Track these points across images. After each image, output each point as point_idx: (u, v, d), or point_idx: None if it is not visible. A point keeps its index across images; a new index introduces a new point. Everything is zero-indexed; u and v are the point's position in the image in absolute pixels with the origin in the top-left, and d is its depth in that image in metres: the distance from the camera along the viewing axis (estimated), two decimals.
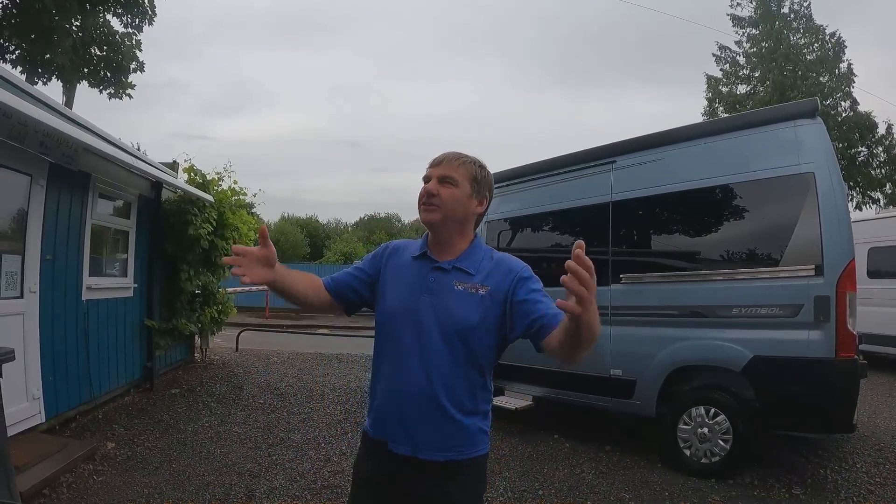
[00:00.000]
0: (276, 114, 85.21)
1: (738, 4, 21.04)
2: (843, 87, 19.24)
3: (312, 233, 37.90)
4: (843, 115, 19.27)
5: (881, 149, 19.58)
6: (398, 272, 1.58)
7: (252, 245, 1.54)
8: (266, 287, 1.58)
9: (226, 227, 7.19)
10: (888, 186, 19.69)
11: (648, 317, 4.41)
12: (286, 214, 41.19)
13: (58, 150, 4.29)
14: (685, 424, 4.10)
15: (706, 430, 3.99)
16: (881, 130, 19.31)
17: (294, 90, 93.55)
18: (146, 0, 11.78)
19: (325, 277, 1.66)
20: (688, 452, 4.07)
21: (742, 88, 21.30)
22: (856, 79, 19.21)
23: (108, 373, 5.38)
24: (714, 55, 21.63)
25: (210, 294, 7.36)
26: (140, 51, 12.32)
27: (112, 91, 12.33)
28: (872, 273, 8.07)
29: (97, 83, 12.12)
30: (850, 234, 3.64)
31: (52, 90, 21.93)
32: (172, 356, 7.01)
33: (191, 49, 75.46)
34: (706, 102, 21.74)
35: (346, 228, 42.74)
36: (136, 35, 12.22)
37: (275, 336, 11.86)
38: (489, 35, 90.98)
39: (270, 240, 1.45)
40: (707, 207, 4.33)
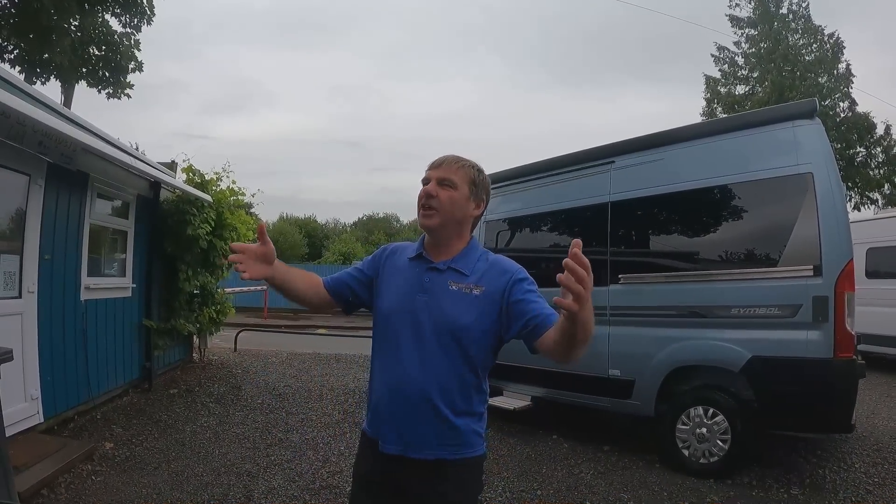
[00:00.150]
0: (276, 113, 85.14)
1: (737, 5, 21.09)
2: (842, 88, 19.26)
3: (311, 233, 37.86)
4: (842, 116, 19.29)
5: (879, 149, 19.60)
6: (395, 273, 1.60)
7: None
8: (265, 284, 1.61)
9: (224, 227, 7.19)
10: (886, 187, 19.71)
11: (647, 317, 4.41)
12: (285, 214, 41.18)
13: (56, 150, 4.28)
14: (684, 424, 4.10)
15: (705, 431, 3.99)
16: (879, 131, 19.35)
17: (294, 90, 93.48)
18: (145, 0, 11.78)
19: (325, 277, 1.69)
20: (686, 452, 4.07)
21: (741, 89, 21.31)
22: (854, 79, 19.25)
23: (107, 373, 5.37)
24: (713, 56, 21.67)
25: (208, 294, 7.35)
26: (139, 51, 12.36)
27: (111, 91, 12.35)
28: (871, 273, 8.08)
29: (96, 83, 12.13)
30: (849, 235, 3.65)
31: (51, 90, 21.88)
32: (171, 356, 7.00)
33: (190, 49, 75.33)
34: (704, 103, 21.78)
35: (345, 228, 42.70)
36: (135, 35, 12.26)
37: (273, 336, 11.86)
38: (489, 35, 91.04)
39: (269, 238, 1.50)
40: (706, 208, 4.34)
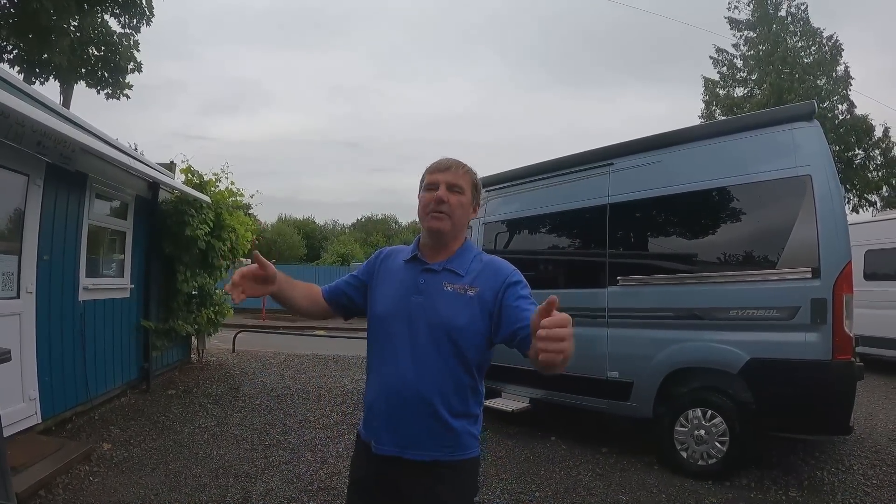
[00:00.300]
0: (275, 114, 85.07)
1: (736, 7, 21.15)
2: (841, 90, 19.31)
3: (309, 234, 37.77)
4: (840, 118, 19.33)
5: (878, 151, 19.65)
6: (389, 276, 1.61)
7: (249, 247, 1.57)
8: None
9: (223, 228, 7.19)
10: (885, 189, 19.75)
11: (645, 319, 4.41)
12: (283, 215, 41.07)
13: (55, 150, 4.28)
14: (682, 426, 4.10)
15: (703, 432, 3.99)
16: (878, 133, 19.40)
17: (293, 90, 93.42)
18: (144, 0, 11.78)
19: (324, 287, 1.73)
20: (685, 454, 4.07)
21: (739, 91, 21.35)
22: (853, 82, 19.31)
23: (105, 374, 5.36)
24: (711, 58, 21.72)
25: (207, 295, 7.34)
26: (138, 51, 12.35)
27: (109, 91, 12.34)
28: (869, 275, 8.09)
29: (95, 83, 12.12)
30: (847, 237, 3.65)
31: (50, 90, 21.85)
32: (169, 357, 6.99)
33: (189, 50, 75.33)
34: (703, 105, 21.81)
35: (344, 230, 42.65)
36: (134, 35, 12.24)
37: (271, 337, 11.85)
38: (489, 35, 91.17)
39: (266, 261, 1.51)
40: (704, 210, 4.34)
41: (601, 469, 4.20)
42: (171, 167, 7.35)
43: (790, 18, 20.25)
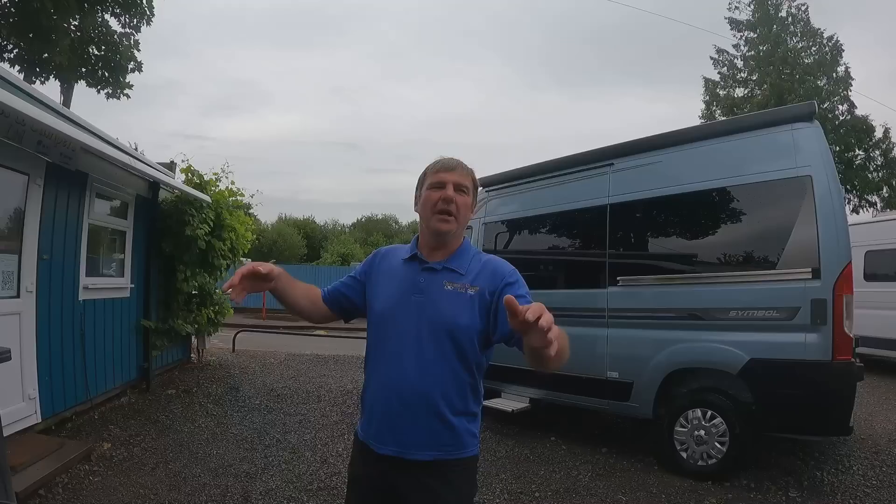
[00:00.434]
0: (276, 114, 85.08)
1: (736, 8, 21.14)
2: (841, 91, 19.30)
3: (309, 234, 37.80)
4: (841, 119, 19.33)
5: (878, 152, 19.63)
6: (388, 275, 1.61)
7: (250, 246, 1.57)
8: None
9: (223, 228, 7.19)
10: (885, 190, 19.73)
11: (645, 319, 4.41)
12: (283, 215, 41.14)
13: (55, 150, 4.27)
14: (682, 427, 4.10)
15: (703, 433, 3.99)
16: (878, 134, 19.39)
17: (293, 90, 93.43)
18: (144, 0, 11.77)
19: (323, 289, 1.72)
20: (684, 455, 4.07)
21: (740, 92, 21.34)
22: (853, 82, 19.30)
23: (105, 373, 5.36)
24: (712, 58, 21.70)
25: (207, 295, 7.34)
26: (138, 51, 12.34)
27: (110, 91, 12.32)
28: (869, 276, 8.09)
29: (95, 83, 12.11)
30: (847, 238, 3.65)
31: (50, 89, 21.88)
32: (169, 357, 6.99)
33: (190, 49, 75.37)
34: (703, 105, 21.81)
35: (344, 230, 42.68)
36: (135, 35, 12.23)
37: (271, 337, 11.84)
38: (489, 36, 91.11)
39: (265, 268, 1.52)
40: (704, 210, 4.35)
41: (601, 469, 4.20)
42: (172, 167, 7.35)
43: (790, 19, 20.24)
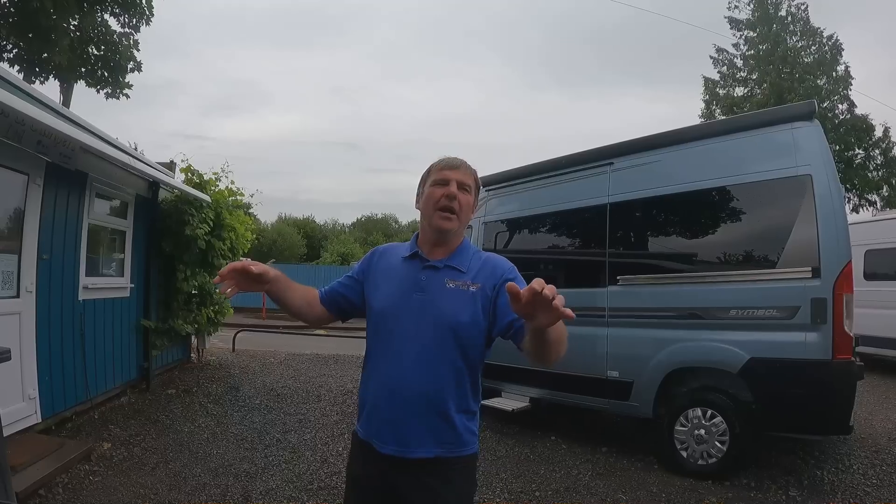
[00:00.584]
0: (276, 114, 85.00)
1: (736, 7, 21.13)
2: (841, 90, 19.31)
3: (309, 233, 37.80)
4: (841, 118, 19.34)
5: (878, 151, 19.65)
6: (388, 273, 1.60)
7: (250, 245, 1.57)
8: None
9: (223, 228, 7.18)
10: (885, 189, 19.75)
11: (645, 318, 4.41)
12: (283, 215, 41.12)
13: (55, 150, 4.27)
14: (682, 426, 4.10)
15: (703, 432, 3.99)
16: (878, 133, 19.41)
17: (293, 90, 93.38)
18: (143, 0, 11.76)
19: (321, 289, 1.71)
20: (684, 454, 4.08)
21: (739, 91, 21.34)
22: (853, 81, 19.31)
23: (105, 373, 5.36)
24: (711, 57, 21.70)
25: (207, 294, 7.33)
26: (138, 51, 12.33)
27: (109, 91, 12.31)
28: (869, 275, 8.09)
29: (94, 83, 12.10)
30: (847, 237, 3.65)
31: (50, 89, 21.84)
32: (169, 356, 6.99)
33: (190, 49, 75.26)
34: (703, 105, 21.81)
35: (343, 229, 42.67)
36: (134, 35, 12.22)
37: (271, 337, 11.84)
38: (489, 36, 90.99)
39: (258, 268, 1.50)
40: (704, 209, 4.34)
41: (601, 468, 4.20)
42: (171, 166, 7.35)
43: (790, 18, 20.25)
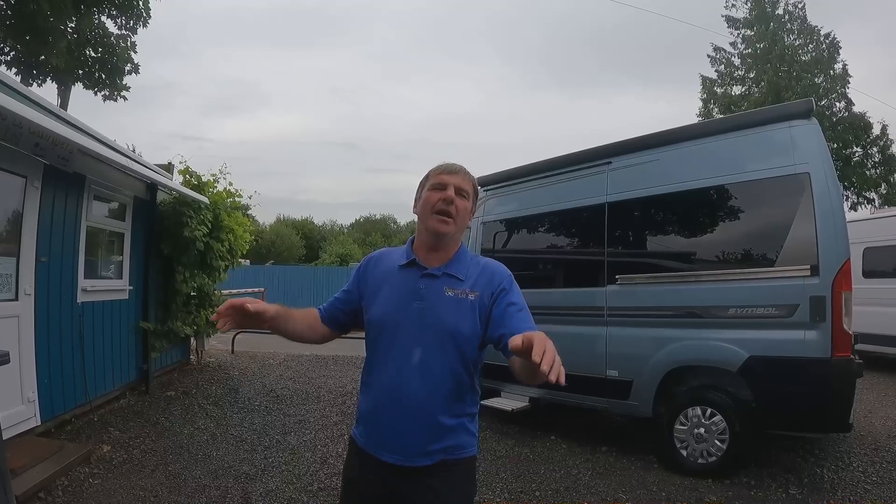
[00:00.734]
0: (274, 115, 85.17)
1: (733, 6, 21.17)
2: (838, 88, 19.35)
3: (308, 234, 37.82)
4: (838, 116, 19.39)
5: (876, 149, 19.70)
6: (385, 281, 1.59)
7: (248, 247, 1.56)
8: (261, 290, 1.60)
9: (221, 229, 7.18)
10: (883, 186, 19.80)
11: (644, 317, 4.41)
12: (282, 216, 41.17)
13: (53, 152, 4.26)
14: (682, 425, 4.10)
15: (703, 431, 4.00)
16: (876, 131, 19.45)
17: (292, 91, 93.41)
18: (140, 2, 11.75)
19: (320, 307, 1.70)
20: (684, 453, 4.08)
21: (737, 89, 21.38)
22: (851, 79, 19.34)
23: (104, 375, 5.35)
24: (709, 56, 21.74)
25: (205, 296, 7.33)
26: (135, 52, 12.32)
27: (107, 93, 12.30)
28: (868, 273, 8.10)
29: (92, 85, 12.09)
30: (846, 234, 3.65)
31: (47, 92, 21.81)
32: (168, 358, 6.98)
33: (188, 50, 75.42)
34: (701, 103, 21.84)
35: (342, 230, 42.68)
36: (131, 37, 12.20)
37: (271, 338, 11.68)
38: (489, 36, 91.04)
39: (257, 308, 1.48)
40: (703, 208, 4.35)
41: (601, 468, 4.20)
42: (170, 168, 7.34)
43: (787, 16, 20.30)
